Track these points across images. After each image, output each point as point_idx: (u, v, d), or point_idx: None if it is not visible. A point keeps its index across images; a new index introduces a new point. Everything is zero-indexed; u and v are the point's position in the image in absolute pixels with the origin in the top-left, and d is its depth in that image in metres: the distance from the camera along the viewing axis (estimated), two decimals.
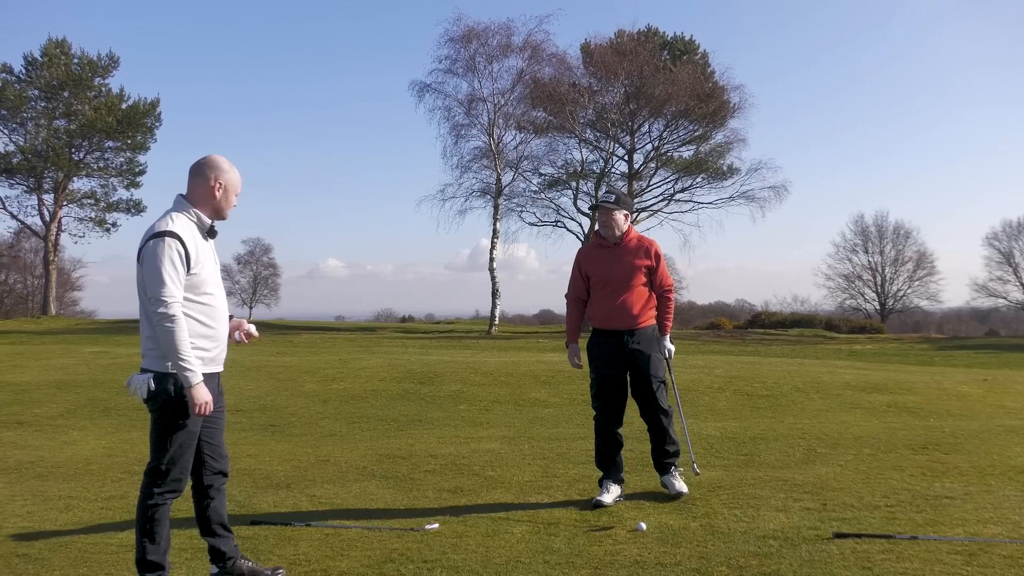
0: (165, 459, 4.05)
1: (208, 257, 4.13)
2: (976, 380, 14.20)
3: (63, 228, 48.58)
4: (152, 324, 3.96)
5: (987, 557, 4.46)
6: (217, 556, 4.35)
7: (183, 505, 6.00)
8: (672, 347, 6.25)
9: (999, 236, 66.41)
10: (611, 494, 5.86)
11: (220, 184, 4.15)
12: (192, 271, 3.99)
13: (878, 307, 69.24)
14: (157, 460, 4.07)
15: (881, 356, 26.41)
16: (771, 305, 71.23)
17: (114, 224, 49.57)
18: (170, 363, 3.94)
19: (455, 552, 4.76)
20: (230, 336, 4.35)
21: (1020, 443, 8.01)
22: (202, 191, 4.14)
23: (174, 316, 3.87)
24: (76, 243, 58.44)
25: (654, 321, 6.13)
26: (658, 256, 6.10)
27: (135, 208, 49.53)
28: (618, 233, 6.05)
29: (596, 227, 6.28)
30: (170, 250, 3.90)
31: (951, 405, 11.45)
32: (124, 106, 47.04)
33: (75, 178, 48.04)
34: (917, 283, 69.39)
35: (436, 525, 5.30)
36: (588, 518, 5.46)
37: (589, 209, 42.33)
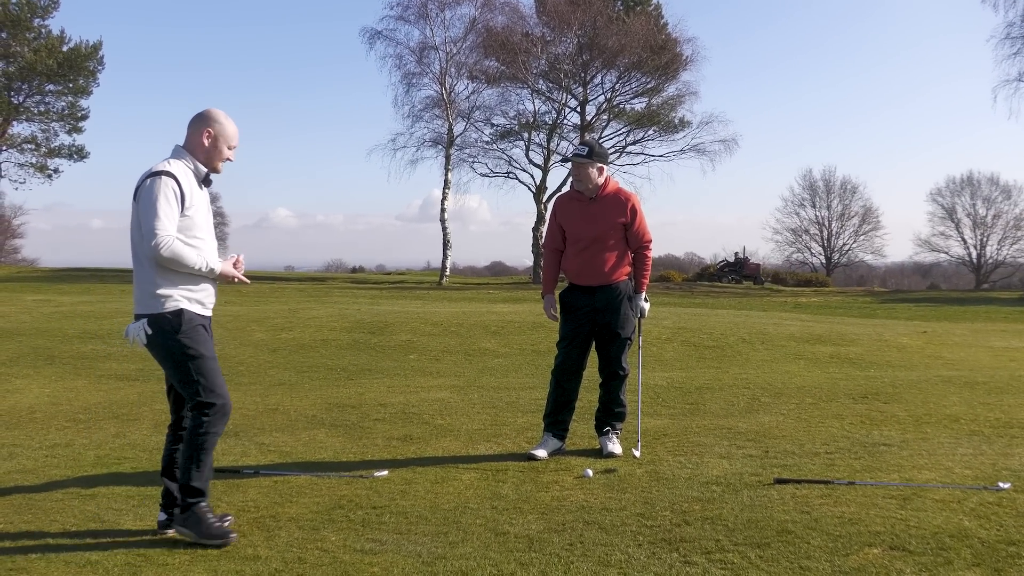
0: (209, 388, 4.18)
1: (202, 203, 4.24)
2: (916, 332, 14.56)
3: (3, 174, 47.41)
4: (144, 268, 4.11)
5: (920, 501, 4.61)
6: (170, 501, 4.33)
7: (130, 454, 5.98)
8: (646, 305, 6.10)
9: (943, 192, 67.84)
10: (546, 449, 5.79)
11: (210, 134, 4.24)
12: (186, 212, 4.10)
13: (824, 261, 70.43)
14: (193, 395, 4.18)
15: (825, 309, 26.92)
16: (720, 258, 71.97)
17: (56, 170, 48.46)
18: (200, 271, 4.13)
19: (404, 498, 4.80)
20: (231, 280, 4.36)
21: (956, 392, 8.24)
22: (195, 140, 4.25)
23: (169, 244, 4.00)
24: (16, 189, 56.91)
25: (627, 276, 5.96)
26: (635, 211, 5.88)
27: (78, 154, 48.36)
28: (592, 187, 5.83)
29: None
30: (166, 188, 4.03)
31: (891, 356, 11.73)
32: (65, 48, 45.67)
33: (15, 122, 46.71)
34: (862, 237, 70.79)
35: (385, 472, 5.33)
36: (536, 465, 5.53)
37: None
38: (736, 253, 50.37)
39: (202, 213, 4.23)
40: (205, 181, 4.29)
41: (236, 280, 4.34)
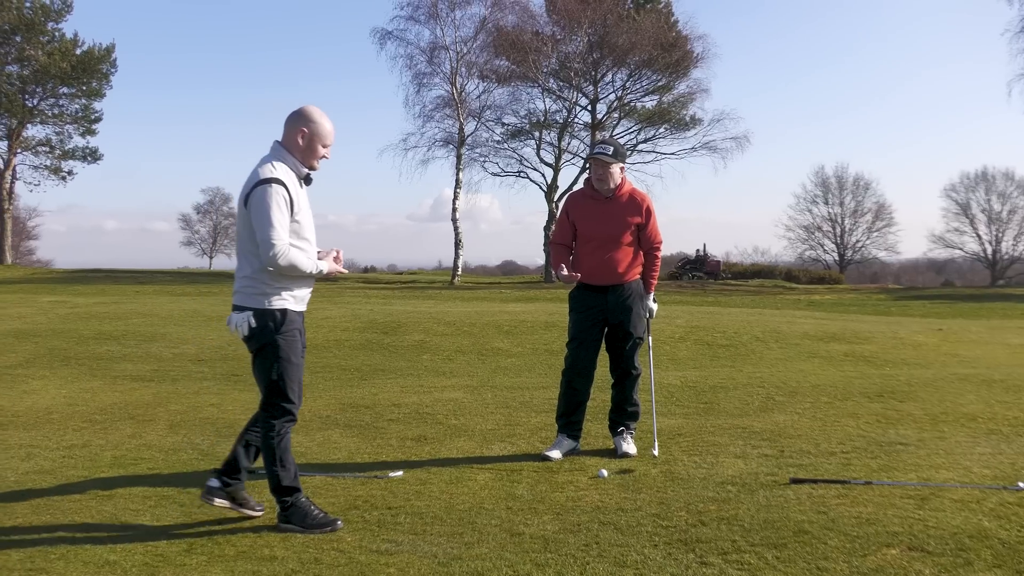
0: (277, 392, 4.32)
1: (305, 204, 4.37)
2: (931, 330, 14.48)
3: (18, 176, 47.60)
4: (251, 264, 4.26)
5: (938, 501, 4.58)
6: (231, 470, 4.47)
7: (147, 455, 6.00)
8: (655, 306, 6.10)
9: (957, 188, 67.62)
10: (560, 449, 5.79)
11: (304, 133, 4.31)
12: (295, 217, 4.24)
13: (837, 258, 70.16)
14: (269, 394, 4.34)
15: (839, 306, 26.80)
16: (732, 256, 71.61)
17: (70, 172, 48.71)
18: (312, 274, 4.34)
19: (419, 499, 4.80)
20: (333, 276, 4.56)
21: (973, 391, 8.19)
22: (291, 139, 4.33)
23: (286, 254, 4.15)
24: (31, 191, 57.20)
25: (639, 276, 5.96)
26: (649, 212, 5.87)
27: (91, 156, 48.64)
28: (612, 187, 5.83)
29: (587, 176, 6.02)
30: (277, 196, 4.15)
31: (906, 354, 11.66)
32: (78, 52, 45.91)
33: (29, 125, 46.99)
34: (876, 234, 70.48)
35: (400, 473, 5.34)
36: (550, 466, 5.52)
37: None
38: (697, 250, 50.60)
39: (306, 215, 4.36)
40: (306, 180, 4.40)
41: (338, 275, 4.56)
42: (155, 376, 9.72)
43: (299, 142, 4.32)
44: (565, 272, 5.84)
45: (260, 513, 4.51)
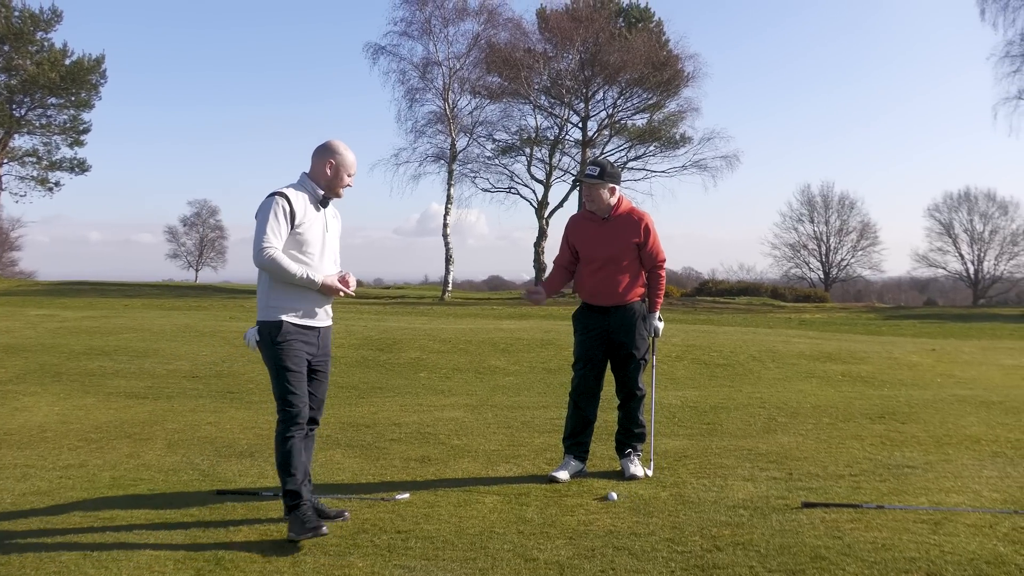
0: (285, 397, 4.59)
1: (317, 223, 4.70)
2: (925, 350, 14.48)
3: (3, 187, 47.29)
4: (261, 280, 4.62)
5: (952, 526, 4.54)
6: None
7: (146, 475, 5.90)
8: (661, 325, 6.05)
9: (940, 208, 67.95)
10: (567, 471, 5.73)
11: (332, 164, 4.74)
12: (297, 229, 4.57)
13: (822, 276, 70.38)
14: (279, 400, 4.61)
15: (831, 325, 26.80)
16: (717, 273, 71.82)
17: (57, 183, 48.38)
18: (301, 280, 4.55)
19: (428, 522, 4.73)
20: (335, 293, 4.74)
21: (973, 412, 8.18)
22: (319, 169, 4.76)
23: (271, 255, 4.47)
24: (17, 202, 56.62)
25: (641, 297, 5.92)
26: (648, 230, 5.84)
27: (79, 167, 48.37)
28: (604, 207, 5.82)
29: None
30: (275, 206, 4.53)
31: (903, 375, 11.66)
32: (67, 62, 45.74)
33: (16, 135, 46.69)
34: (860, 253, 70.69)
35: (407, 495, 5.26)
36: (559, 488, 5.46)
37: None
38: None
39: (316, 231, 4.67)
40: (322, 202, 4.75)
41: (342, 294, 4.73)
42: (150, 393, 9.61)
43: (327, 172, 4.73)
44: (537, 296, 5.96)
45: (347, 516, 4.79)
